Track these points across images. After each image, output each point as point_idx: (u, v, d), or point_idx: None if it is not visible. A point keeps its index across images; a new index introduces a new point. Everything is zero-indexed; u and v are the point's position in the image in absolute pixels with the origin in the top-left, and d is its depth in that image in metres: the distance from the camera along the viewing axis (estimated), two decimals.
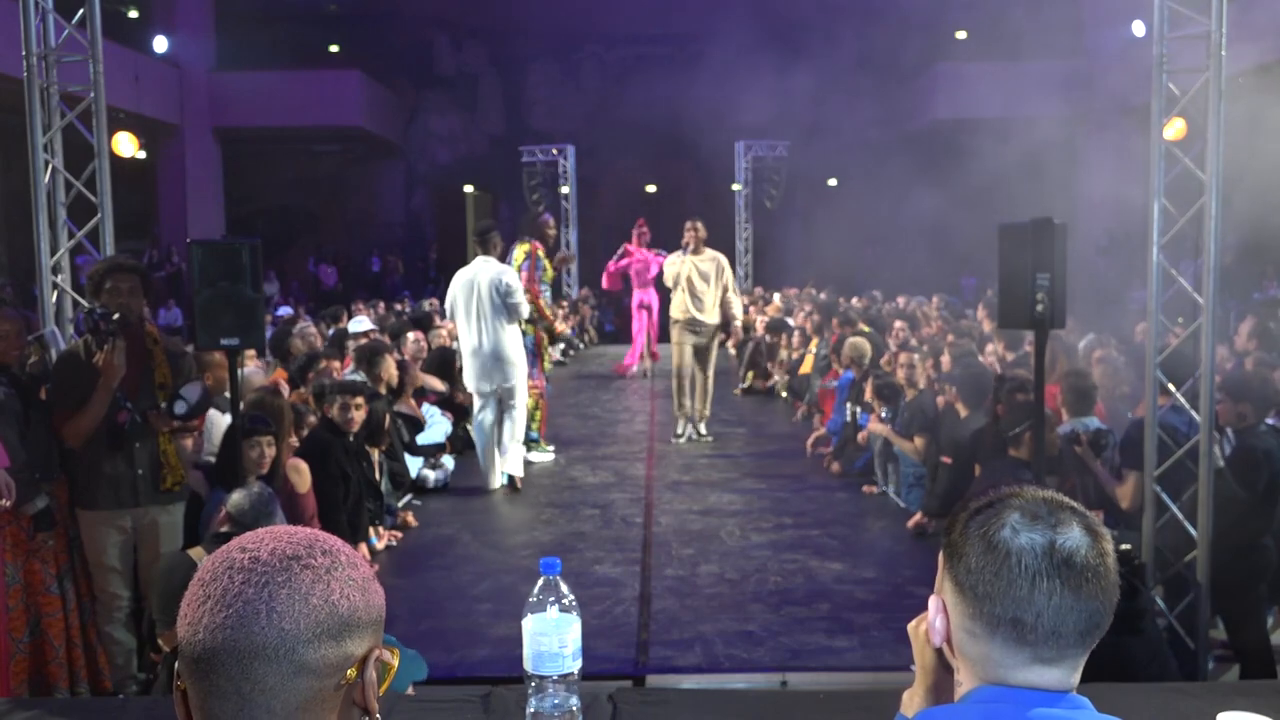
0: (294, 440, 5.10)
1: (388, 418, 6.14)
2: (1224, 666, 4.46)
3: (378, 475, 5.83)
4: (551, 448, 8.18)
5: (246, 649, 0.98)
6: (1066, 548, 1.17)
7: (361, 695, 1.04)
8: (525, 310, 6.97)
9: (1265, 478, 4.28)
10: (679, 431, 8.53)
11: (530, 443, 7.89)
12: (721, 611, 4.71)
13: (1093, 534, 1.20)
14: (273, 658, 0.98)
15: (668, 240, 8.61)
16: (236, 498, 3.60)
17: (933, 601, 1.28)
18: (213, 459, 4.78)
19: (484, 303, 6.81)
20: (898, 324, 9.71)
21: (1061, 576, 1.16)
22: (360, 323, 9.24)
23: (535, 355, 7.79)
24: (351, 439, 5.40)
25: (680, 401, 8.47)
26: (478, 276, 6.86)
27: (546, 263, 7.85)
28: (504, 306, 6.81)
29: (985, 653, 1.20)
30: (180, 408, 3.99)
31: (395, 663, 1.08)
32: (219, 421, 4.91)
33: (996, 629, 1.18)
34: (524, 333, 7.37)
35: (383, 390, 6.60)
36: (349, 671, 1.02)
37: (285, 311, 13.90)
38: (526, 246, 7.77)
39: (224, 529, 3.59)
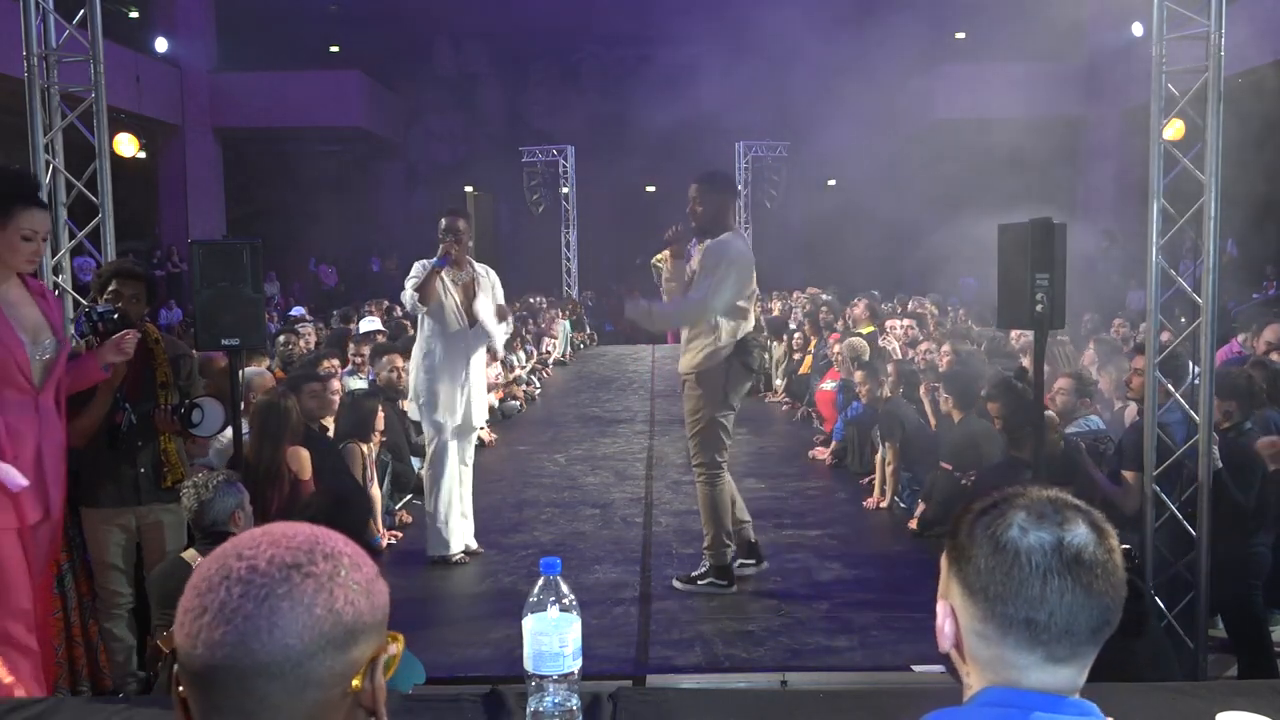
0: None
1: (385, 418, 6.14)
2: (1224, 666, 4.46)
3: (369, 473, 5.82)
4: None
5: (249, 667, 0.93)
6: (1074, 545, 1.17)
7: (370, 699, 1.01)
8: (405, 300, 5.32)
9: (1259, 477, 4.28)
10: None
11: None
12: (721, 611, 4.71)
13: (1098, 530, 1.20)
14: (276, 674, 0.94)
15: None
16: (187, 499, 3.60)
17: (940, 606, 1.26)
18: (213, 460, 4.78)
19: None
20: (905, 323, 9.60)
21: (1072, 574, 1.16)
22: (370, 323, 9.26)
23: None
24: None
25: None
26: None
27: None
28: None
29: (997, 654, 1.20)
30: (197, 417, 3.99)
31: (399, 650, 1.05)
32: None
33: (1009, 630, 1.17)
34: None
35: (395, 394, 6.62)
36: (355, 680, 0.99)
37: (298, 312, 13.86)
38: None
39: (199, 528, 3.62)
